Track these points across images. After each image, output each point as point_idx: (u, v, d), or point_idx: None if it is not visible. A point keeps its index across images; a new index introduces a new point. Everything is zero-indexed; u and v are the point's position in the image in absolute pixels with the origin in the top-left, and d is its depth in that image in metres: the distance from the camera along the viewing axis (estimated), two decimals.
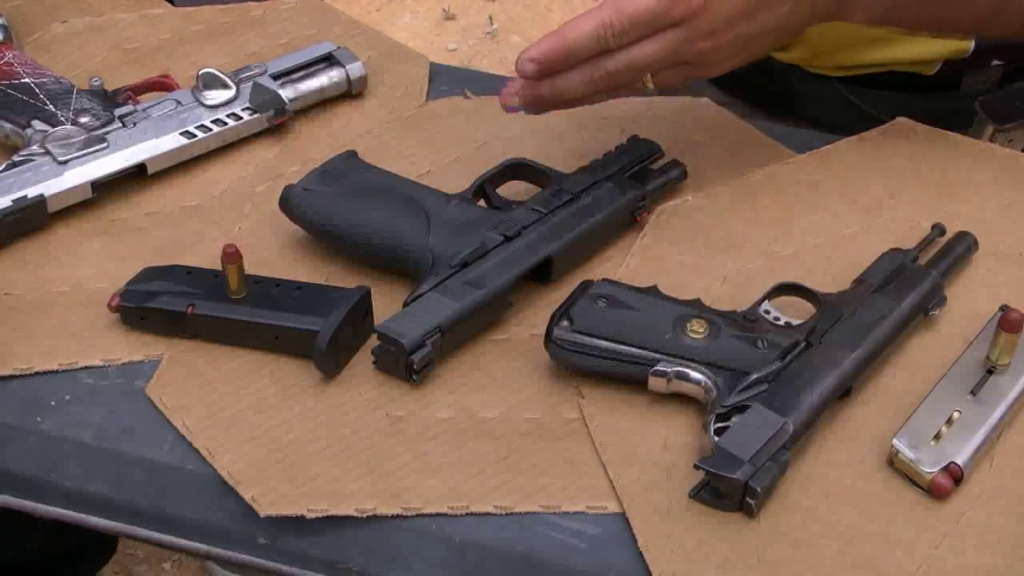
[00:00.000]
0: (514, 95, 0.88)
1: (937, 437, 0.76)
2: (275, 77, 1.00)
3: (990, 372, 0.80)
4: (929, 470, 0.75)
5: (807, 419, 0.76)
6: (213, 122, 0.97)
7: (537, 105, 0.88)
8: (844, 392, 0.79)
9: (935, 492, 0.75)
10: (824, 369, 0.78)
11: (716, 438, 0.75)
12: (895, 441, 0.76)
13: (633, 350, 0.80)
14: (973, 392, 0.79)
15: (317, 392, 0.82)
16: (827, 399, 0.78)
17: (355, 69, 1.02)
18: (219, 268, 0.83)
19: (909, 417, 0.78)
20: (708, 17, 0.84)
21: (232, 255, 0.83)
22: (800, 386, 0.77)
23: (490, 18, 2.76)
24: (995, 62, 1.07)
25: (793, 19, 0.88)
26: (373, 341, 0.82)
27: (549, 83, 0.85)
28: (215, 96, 0.98)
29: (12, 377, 0.83)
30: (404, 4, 2.84)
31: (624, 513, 0.75)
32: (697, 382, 0.79)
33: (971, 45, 1.05)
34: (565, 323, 0.81)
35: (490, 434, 0.79)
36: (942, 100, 1.08)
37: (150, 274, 0.86)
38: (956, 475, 0.75)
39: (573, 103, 0.88)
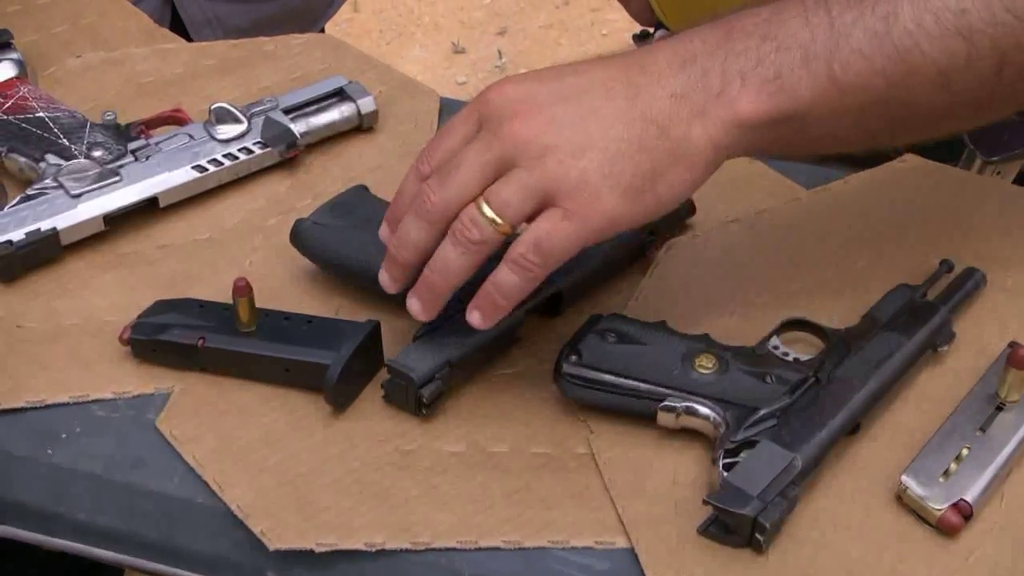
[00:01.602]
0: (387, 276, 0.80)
1: (946, 474, 0.76)
2: (287, 111, 1.01)
3: (999, 408, 0.80)
4: (938, 507, 0.75)
5: (816, 455, 0.76)
6: (225, 156, 0.98)
7: (400, 273, 0.79)
8: (853, 428, 0.79)
9: (944, 529, 0.75)
10: (833, 405, 0.78)
11: (725, 473, 0.75)
12: (904, 477, 0.76)
13: (642, 385, 0.80)
14: (982, 428, 0.79)
15: (327, 425, 0.82)
16: (836, 435, 0.78)
17: (366, 104, 1.03)
18: (230, 301, 0.84)
19: (918, 453, 0.78)
20: (497, 99, 0.76)
21: (243, 288, 0.83)
22: (809, 422, 0.77)
23: (499, 52, 2.77)
24: None
25: (620, 99, 0.74)
26: (383, 375, 0.83)
27: (396, 238, 0.78)
28: (227, 130, 0.99)
29: (24, 409, 0.83)
30: (414, 38, 2.86)
31: (633, 548, 0.75)
32: (706, 417, 0.79)
33: None
34: (574, 357, 0.81)
35: (499, 468, 0.79)
36: None
37: (161, 307, 0.87)
38: (965, 512, 0.75)
39: (424, 255, 0.77)
